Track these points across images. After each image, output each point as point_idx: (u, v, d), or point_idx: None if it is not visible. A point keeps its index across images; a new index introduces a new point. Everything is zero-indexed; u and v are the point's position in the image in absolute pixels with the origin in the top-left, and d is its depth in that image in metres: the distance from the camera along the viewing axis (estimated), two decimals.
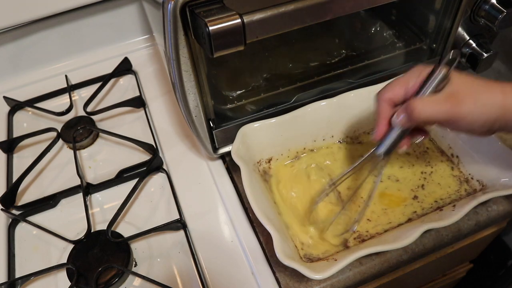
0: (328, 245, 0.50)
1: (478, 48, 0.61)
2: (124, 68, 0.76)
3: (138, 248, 0.54)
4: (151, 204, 0.59)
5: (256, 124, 0.55)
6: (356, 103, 0.59)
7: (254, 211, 0.46)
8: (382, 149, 0.46)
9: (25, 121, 0.72)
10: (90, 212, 0.57)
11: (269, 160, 0.58)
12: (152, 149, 0.63)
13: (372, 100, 0.59)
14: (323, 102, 0.57)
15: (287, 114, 0.56)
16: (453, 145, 0.57)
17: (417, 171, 0.57)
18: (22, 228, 0.58)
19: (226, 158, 0.62)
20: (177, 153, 0.64)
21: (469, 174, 0.55)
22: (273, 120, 0.56)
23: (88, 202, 0.58)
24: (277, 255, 0.43)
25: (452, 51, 0.43)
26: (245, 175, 0.50)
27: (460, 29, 0.59)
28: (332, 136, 0.60)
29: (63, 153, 0.66)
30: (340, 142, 0.61)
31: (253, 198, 0.48)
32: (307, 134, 0.59)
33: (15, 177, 0.62)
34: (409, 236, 0.45)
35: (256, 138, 0.56)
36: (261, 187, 0.53)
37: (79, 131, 0.66)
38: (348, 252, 0.46)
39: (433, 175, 0.57)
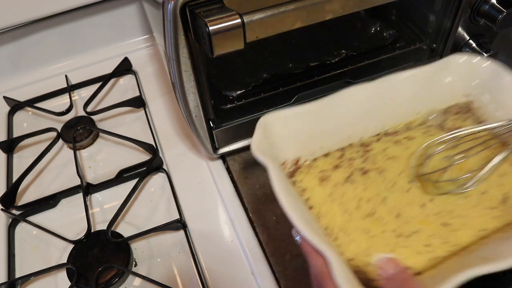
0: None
1: (478, 48, 0.61)
2: (124, 68, 0.76)
3: (138, 248, 0.54)
4: (151, 204, 0.59)
5: (282, 113, 0.43)
6: (405, 87, 0.46)
7: (299, 230, 0.33)
8: None
9: (25, 121, 0.72)
10: (90, 212, 0.57)
11: (297, 161, 0.45)
12: (152, 149, 0.63)
13: (423, 83, 0.46)
14: (357, 88, 0.45)
15: (316, 101, 0.44)
16: None
17: None
18: (22, 228, 0.58)
19: (226, 158, 0.62)
20: (177, 153, 0.64)
21: None
22: (305, 106, 0.43)
23: (88, 202, 0.58)
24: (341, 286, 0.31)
25: None
26: (275, 178, 0.36)
27: (460, 29, 0.59)
28: (373, 130, 0.48)
29: (63, 153, 0.66)
30: (383, 137, 0.48)
31: (293, 212, 0.34)
32: (341, 127, 0.46)
33: (15, 177, 0.62)
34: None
35: (281, 131, 0.43)
36: (294, 194, 0.40)
37: (79, 131, 0.66)
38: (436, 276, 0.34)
39: None
